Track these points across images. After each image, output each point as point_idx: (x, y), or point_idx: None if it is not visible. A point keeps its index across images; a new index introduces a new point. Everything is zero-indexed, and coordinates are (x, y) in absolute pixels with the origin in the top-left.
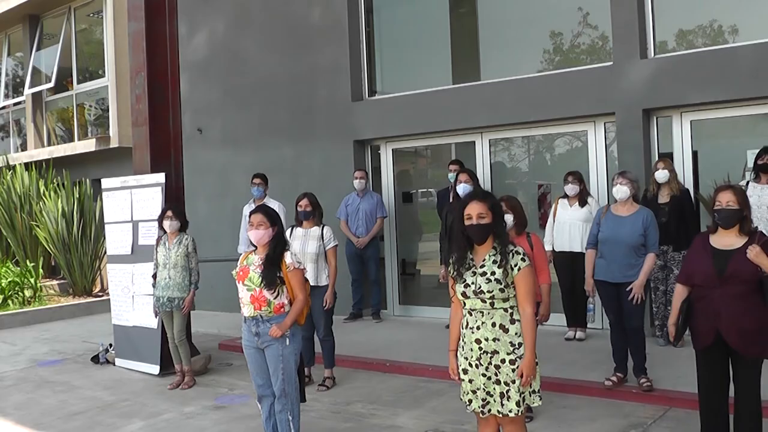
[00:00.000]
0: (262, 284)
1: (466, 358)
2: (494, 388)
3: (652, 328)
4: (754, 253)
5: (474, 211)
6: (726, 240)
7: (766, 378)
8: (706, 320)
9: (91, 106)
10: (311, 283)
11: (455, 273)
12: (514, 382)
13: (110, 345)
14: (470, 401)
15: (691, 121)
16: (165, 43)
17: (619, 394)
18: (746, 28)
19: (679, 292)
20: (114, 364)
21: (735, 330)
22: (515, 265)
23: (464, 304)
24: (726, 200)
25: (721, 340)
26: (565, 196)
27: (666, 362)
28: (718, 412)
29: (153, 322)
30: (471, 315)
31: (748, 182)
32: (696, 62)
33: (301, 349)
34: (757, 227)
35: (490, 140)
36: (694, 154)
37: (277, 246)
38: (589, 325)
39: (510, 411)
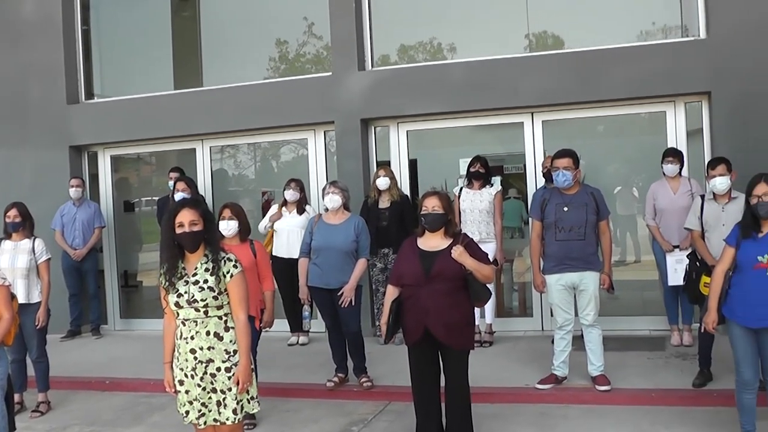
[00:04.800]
0: None
1: (182, 369)
2: (210, 397)
3: (373, 328)
4: (457, 252)
5: (186, 219)
6: (432, 242)
7: (472, 368)
8: (415, 317)
9: None
10: (22, 301)
11: (167, 283)
12: (230, 389)
13: None
14: (187, 412)
15: (407, 131)
16: None
17: (341, 394)
18: (463, 46)
19: (390, 293)
20: None
21: (442, 324)
22: (227, 272)
23: (177, 314)
24: (432, 205)
25: (429, 334)
26: (285, 203)
27: (385, 359)
28: (431, 401)
29: None
30: (185, 325)
31: (461, 188)
32: (411, 76)
33: (8, 374)
34: (461, 230)
35: (211, 147)
36: (413, 162)
37: None
38: (311, 330)
39: (227, 419)
